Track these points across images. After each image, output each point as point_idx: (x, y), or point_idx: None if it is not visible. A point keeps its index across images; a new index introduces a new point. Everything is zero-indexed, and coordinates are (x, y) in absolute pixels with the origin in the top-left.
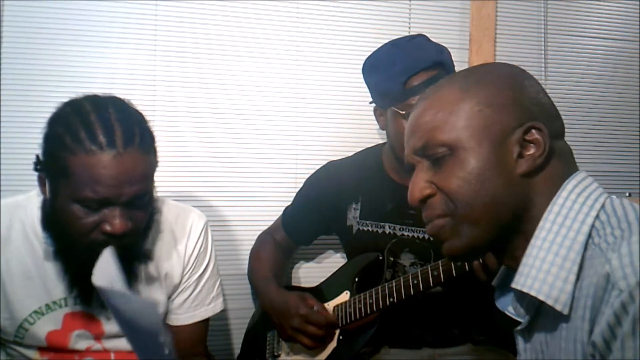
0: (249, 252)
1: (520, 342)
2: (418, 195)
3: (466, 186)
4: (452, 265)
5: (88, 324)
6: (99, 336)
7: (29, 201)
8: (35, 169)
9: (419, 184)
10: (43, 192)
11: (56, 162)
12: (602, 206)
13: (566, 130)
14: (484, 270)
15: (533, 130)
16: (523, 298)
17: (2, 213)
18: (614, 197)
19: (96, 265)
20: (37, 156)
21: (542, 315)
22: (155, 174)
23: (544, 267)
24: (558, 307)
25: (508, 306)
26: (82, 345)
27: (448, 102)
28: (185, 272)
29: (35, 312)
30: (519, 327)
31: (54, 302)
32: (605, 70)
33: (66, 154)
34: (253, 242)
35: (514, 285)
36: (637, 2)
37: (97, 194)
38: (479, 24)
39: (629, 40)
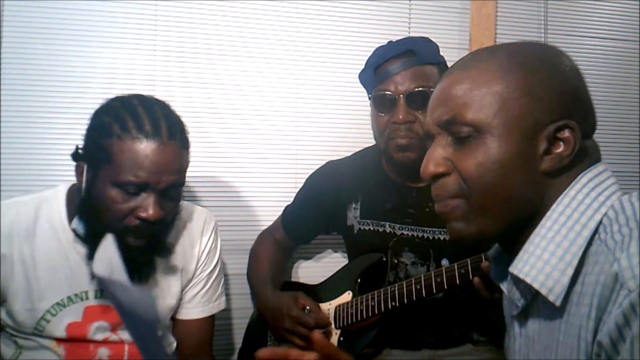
0: (249, 252)
1: (516, 327)
2: (432, 170)
3: (486, 174)
4: (456, 272)
5: (107, 315)
6: (115, 327)
7: (56, 195)
8: (75, 159)
9: (435, 159)
10: (79, 181)
11: (100, 149)
12: (612, 203)
13: None
14: (486, 288)
15: (566, 129)
16: (519, 282)
17: (29, 207)
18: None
19: (97, 253)
20: (77, 147)
21: (537, 302)
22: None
23: (544, 256)
24: (551, 298)
25: (503, 281)
26: (99, 336)
27: (485, 80)
28: (198, 267)
29: (58, 303)
30: (514, 313)
31: (76, 295)
32: (605, 70)
33: (113, 140)
34: (253, 242)
35: (511, 269)
36: (637, 2)
37: (138, 178)
38: (479, 24)
39: (629, 40)
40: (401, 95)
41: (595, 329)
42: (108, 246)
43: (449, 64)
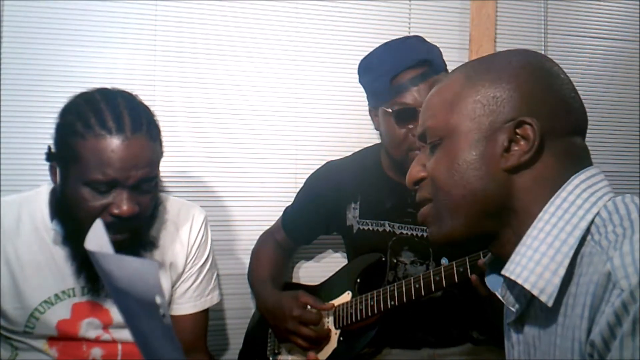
0: (248, 251)
1: (512, 335)
2: (412, 178)
3: (447, 175)
4: (455, 271)
5: (96, 312)
6: (107, 325)
7: (38, 195)
8: (47, 159)
9: (416, 167)
10: (54, 181)
11: (67, 148)
12: (605, 204)
13: None
14: (483, 285)
15: (525, 126)
16: (513, 287)
17: (11, 207)
18: (619, 197)
19: (88, 234)
20: (49, 147)
21: (533, 307)
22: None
23: (535, 257)
24: (543, 298)
25: (498, 287)
26: (91, 334)
27: (450, 91)
28: (188, 262)
29: (45, 301)
30: (510, 320)
31: (63, 292)
32: (605, 70)
33: (77, 139)
34: (253, 242)
35: (503, 272)
36: (637, 2)
37: (105, 176)
38: (479, 24)
39: (629, 40)
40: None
41: (588, 329)
42: (98, 227)
43: (449, 64)
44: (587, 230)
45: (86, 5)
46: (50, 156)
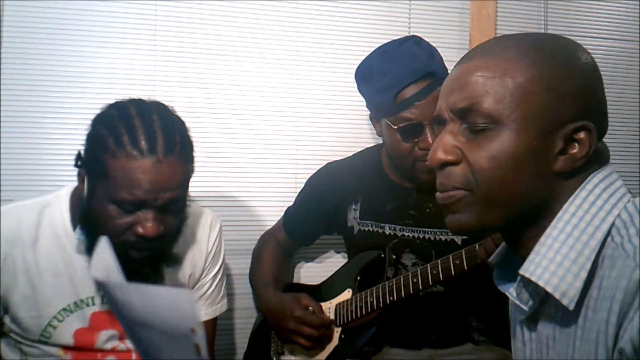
0: (249, 251)
1: (524, 332)
2: (441, 157)
3: (498, 168)
4: (451, 263)
5: (114, 322)
6: (123, 335)
7: (58, 200)
8: (76, 165)
9: (446, 146)
10: (81, 188)
11: (97, 163)
12: (625, 205)
13: None
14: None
15: (583, 131)
16: (528, 285)
17: (31, 212)
18: (637, 198)
19: (92, 257)
20: (79, 152)
21: (548, 306)
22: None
23: (557, 259)
24: (564, 302)
25: (509, 288)
26: (108, 344)
27: (508, 69)
28: (203, 271)
29: (64, 309)
30: (523, 317)
31: (82, 301)
32: (605, 70)
33: (108, 155)
34: (253, 242)
35: (522, 272)
36: (637, 2)
37: (133, 196)
38: (479, 24)
39: (629, 40)
40: (428, 122)
41: (615, 335)
42: (103, 250)
43: (449, 64)
44: (607, 232)
45: (86, 5)
46: (79, 162)
